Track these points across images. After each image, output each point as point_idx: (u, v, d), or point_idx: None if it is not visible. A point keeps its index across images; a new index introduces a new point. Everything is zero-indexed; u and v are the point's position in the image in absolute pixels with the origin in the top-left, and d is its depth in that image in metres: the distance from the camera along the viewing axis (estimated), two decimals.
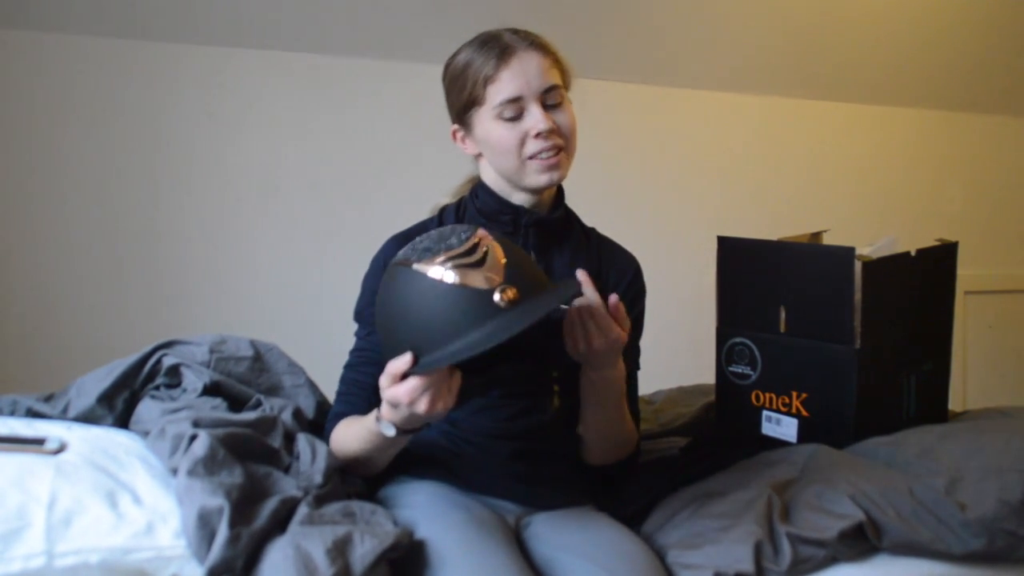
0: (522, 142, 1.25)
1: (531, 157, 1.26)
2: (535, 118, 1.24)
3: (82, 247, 2.26)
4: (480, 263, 1.06)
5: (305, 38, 2.41)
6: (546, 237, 1.34)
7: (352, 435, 1.22)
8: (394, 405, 1.07)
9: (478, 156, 1.34)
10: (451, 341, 1.04)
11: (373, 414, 1.15)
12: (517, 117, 1.25)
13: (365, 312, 1.33)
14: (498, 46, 1.25)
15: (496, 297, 1.05)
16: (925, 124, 3.30)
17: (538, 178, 1.28)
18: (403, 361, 1.05)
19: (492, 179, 1.34)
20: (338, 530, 1.01)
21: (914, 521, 1.19)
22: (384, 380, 1.07)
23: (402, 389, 1.05)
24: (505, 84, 1.23)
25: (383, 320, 1.12)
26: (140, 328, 2.25)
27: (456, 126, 1.33)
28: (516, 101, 1.24)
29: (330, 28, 2.40)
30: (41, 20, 2.17)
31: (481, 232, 1.10)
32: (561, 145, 1.27)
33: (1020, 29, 3.12)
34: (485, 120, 1.26)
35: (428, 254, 1.07)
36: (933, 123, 3.31)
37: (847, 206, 3.14)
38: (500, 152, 1.27)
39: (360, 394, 1.29)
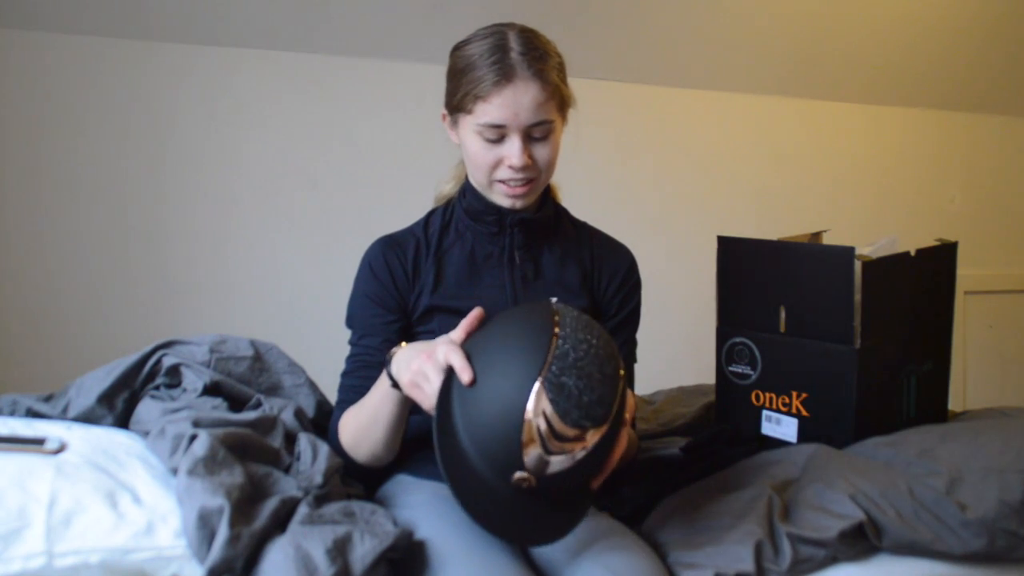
0: (494, 165, 1.25)
1: (499, 181, 1.27)
2: (513, 151, 1.23)
3: (82, 247, 2.26)
4: (558, 439, 0.98)
5: (305, 38, 2.41)
6: (532, 236, 1.35)
7: (362, 405, 1.24)
8: (420, 348, 1.10)
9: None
10: (470, 435, 1.00)
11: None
12: (497, 141, 1.24)
13: (356, 316, 1.34)
14: (501, 64, 1.21)
15: (516, 475, 0.99)
16: (925, 124, 3.30)
17: (501, 200, 1.29)
18: (466, 372, 1.03)
19: None
20: (338, 530, 1.01)
21: (914, 521, 1.19)
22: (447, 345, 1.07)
23: (440, 350, 1.06)
24: (493, 109, 1.21)
25: (491, 343, 1.06)
26: (140, 328, 2.25)
27: (446, 112, 1.32)
28: (499, 127, 1.23)
29: (330, 28, 2.40)
30: (41, 20, 2.17)
31: (595, 434, 1.00)
32: (533, 177, 1.27)
33: (1020, 29, 3.12)
34: (467, 129, 1.26)
35: (558, 383, 0.98)
36: (933, 123, 3.31)
37: (847, 206, 3.14)
38: (472, 165, 1.28)
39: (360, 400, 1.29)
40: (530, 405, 0.98)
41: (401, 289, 1.31)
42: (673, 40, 2.78)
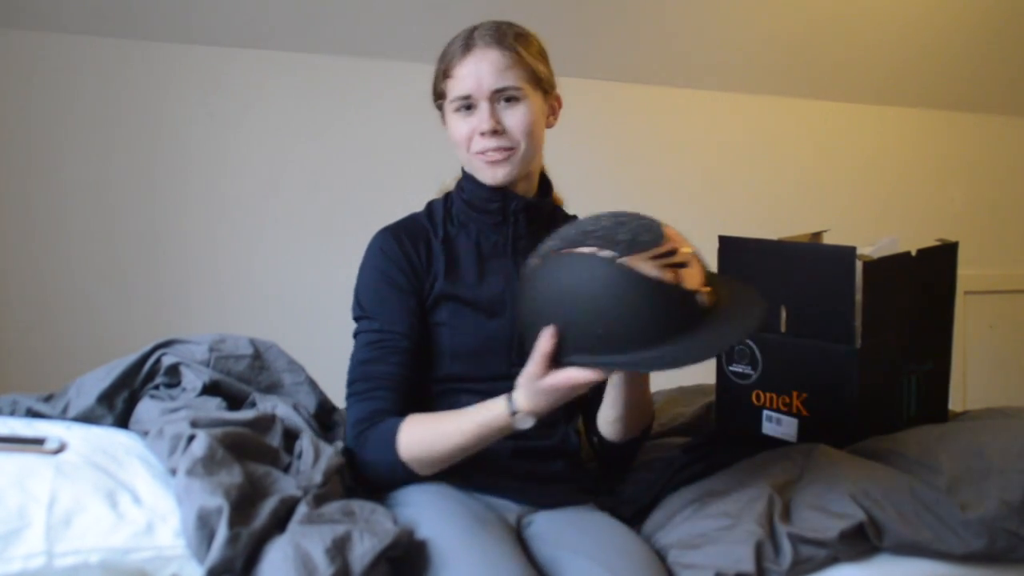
0: (469, 138, 1.29)
1: (477, 153, 1.29)
2: (480, 117, 1.27)
3: (82, 247, 2.26)
4: (683, 264, 1.03)
5: (305, 38, 2.41)
6: (535, 223, 1.35)
7: (450, 431, 1.18)
8: (551, 393, 1.08)
9: None
10: (652, 341, 1.00)
11: (491, 408, 1.14)
12: (470, 114, 1.28)
13: (373, 304, 1.31)
14: (463, 41, 1.28)
15: (700, 299, 1.00)
16: (925, 124, 3.29)
17: (483, 174, 1.31)
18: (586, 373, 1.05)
19: None
20: (337, 529, 1.00)
21: (915, 521, 1.19)
22: (538, 367, 1.07)
23: (579, 377, 1.06)
24: (458, 81, 1.28)
25: (543, 310, 1.07)
26: (140, 328, 2.25)
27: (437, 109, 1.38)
28: (467, 98, 1.27)
29: (330, 28, 2.40)
30: (41, 20, 2.17)
31: (670, 231, 1.07)
32: (507, 146, 1.28)
33: (1020, 29, 3.12)
34: (448, 112, 1.32)
35: (627, 247, 1.02)
36: (933, 123, 3.31)
37: (847, 206, 3.14)
38: (455, 144, 1.32)
39: (394, 386, 1.26)
40: (640, 269, 1.01)
41: (418, 272, 1.31)
42: (673, 40, 2.77)
